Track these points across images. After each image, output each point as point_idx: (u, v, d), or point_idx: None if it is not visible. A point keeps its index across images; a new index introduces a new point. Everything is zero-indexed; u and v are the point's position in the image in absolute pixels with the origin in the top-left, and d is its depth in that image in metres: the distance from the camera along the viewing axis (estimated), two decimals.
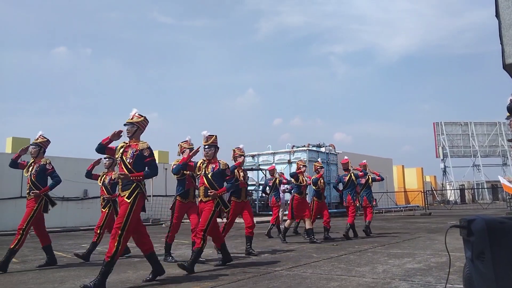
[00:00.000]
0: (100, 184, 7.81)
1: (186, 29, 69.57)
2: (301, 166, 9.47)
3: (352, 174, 10.32)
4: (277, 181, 11.37)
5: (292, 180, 9.43)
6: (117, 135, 5.24)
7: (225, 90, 72.54)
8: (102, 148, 5.24)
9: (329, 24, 72.82)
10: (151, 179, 19.27)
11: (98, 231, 7.46)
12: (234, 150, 7.86)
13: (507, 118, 6.09)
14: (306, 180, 9.43)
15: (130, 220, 4.88)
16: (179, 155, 7.08)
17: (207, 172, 6.13)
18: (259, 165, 23.62)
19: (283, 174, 15.49)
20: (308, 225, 9.08)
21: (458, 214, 14.72)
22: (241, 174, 7.69)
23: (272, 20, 71.73)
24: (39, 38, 59.66)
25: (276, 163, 21.33)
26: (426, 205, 24.79)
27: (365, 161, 10.79)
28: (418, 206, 25.74)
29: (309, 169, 20.33)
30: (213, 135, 6.37)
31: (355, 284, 4.70)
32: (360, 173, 10.47)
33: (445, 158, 43.22)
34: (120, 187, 5.15)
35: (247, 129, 66.15)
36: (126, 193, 5.02)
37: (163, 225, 17.39)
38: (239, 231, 12.73)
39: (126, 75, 66.31)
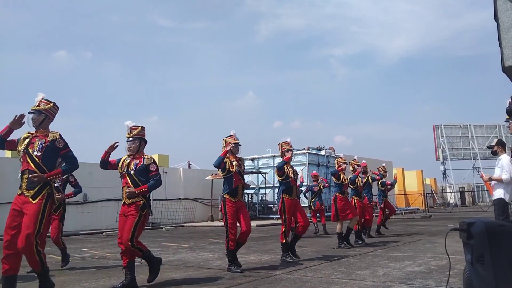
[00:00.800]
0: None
1: (186, 32, 69.80)
2: (342, 163, 9.09)
3: (369, 177, 10.58)
4: (321, 186, 12.32)
5: (333, 178, 9.00)
6: (18, 122, 4.45)
7: (226, 93, 72.71)
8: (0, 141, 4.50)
9: (329, 26, 73.08)
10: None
11: None
12: (281, 144, 7.41)
13: (507, 120, 6.11)
14: (347, 178, 9.07)
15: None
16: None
17: (129, 169, 5.28)
18: (259, 168, 23.63)
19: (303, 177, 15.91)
20: (339, 228, 8.70)
21: (458, 217, 14.71)
22: (291, 170, 7.18)
23: (272, 23, 71.99)
24: (39, 41, 59.82)
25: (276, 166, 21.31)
26: (426, 208, 24.80)
27: (364, 161, 10.81)
28: (418, 209, 25.73)
29: (309, 172, 20.41)
30: (139, 126, 5.50)
31: (356, 287, 4.70)
32: (377, 177, 10.90)
33: (445, 161, 43.23)
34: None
35: (247, 131, 66.22)
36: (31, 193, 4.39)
37: (163, 229, 17.39)
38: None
39: (127, 78, 66.48)
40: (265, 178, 22.55)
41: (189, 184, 22.46)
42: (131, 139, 5.39)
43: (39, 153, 4.46)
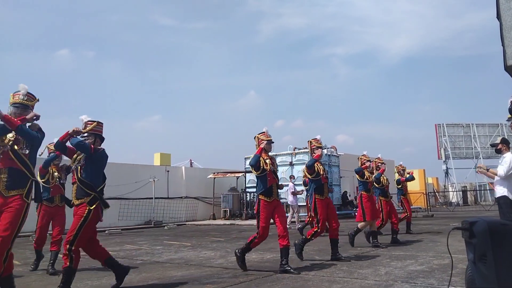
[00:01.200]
0: None
1: (188, 31, 69.66)
2: (365, 161, 8.88)
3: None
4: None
5: (357, 176, 8.83)
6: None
7: (227, 92, 72.55)
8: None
9: (331, 25, 72.79)
10: (153, 182, 19.36)
11: None
12: (310, 142, 7.15)
13: (508, 119, 6.10)
14: (371, 176, 8.85)
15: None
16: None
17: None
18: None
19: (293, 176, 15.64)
20: (364, 226, 8.60)
21: (461, 216, 14.69)
22: (321, 168, 6.97)
23: (274, 22, 71.76)
24: (41, 40, 59.81)
25: (278, 165, 21.30)
26: (429, 207, 24.74)
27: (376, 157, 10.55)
28: (420, 208, 25.69)
29: None
30: (94, 122, 5.19)
31: (358, 286, 4.70)
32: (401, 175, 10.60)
33: (447, 160, 43.10)
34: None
35: (249, 131, 66.09)
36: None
37: (165, 227, 17.42)
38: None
39: (128, 78, 66.38)
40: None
41: (191, 183, 22.49)
42: (85, 135, 5.05)
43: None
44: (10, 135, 4.24)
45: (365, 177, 8.61)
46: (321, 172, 6.91)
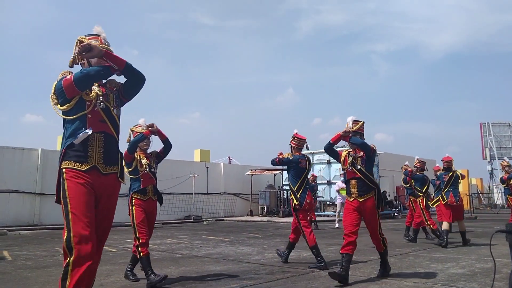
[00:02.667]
0: None
1: (228, 29, 70.30)
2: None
3: (456, 172, 9.59)
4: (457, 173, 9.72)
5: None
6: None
7: (266, 89, 72.71)
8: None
9: (371, 21, 71.48)
10: (193, 177, 19.71)
11: None
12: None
13: None
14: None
15: None
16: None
17: (151, 168, 5.32)
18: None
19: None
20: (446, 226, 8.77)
21: (505, 219, 14.14)
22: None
23: (313, 19, 71.26)
24: None
25: (315, 163, 21.22)
26: (472, 209, 23.98)
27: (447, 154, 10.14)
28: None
29: None
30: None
31: (396, 287, 4.65)
32: (462, 174, 10.23)
33: (492, 160, 41.60)
34: None
35: (286, 128, 66.05)
36: None
37: (204, 222, 17.71)
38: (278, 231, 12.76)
39: (171, 75, 67.76)
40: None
41: (229, 179, 22.74)
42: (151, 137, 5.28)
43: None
44: (96, 89, 3.06)
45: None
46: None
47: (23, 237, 11.57)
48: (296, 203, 6.29)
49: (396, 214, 21.40)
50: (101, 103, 3.00)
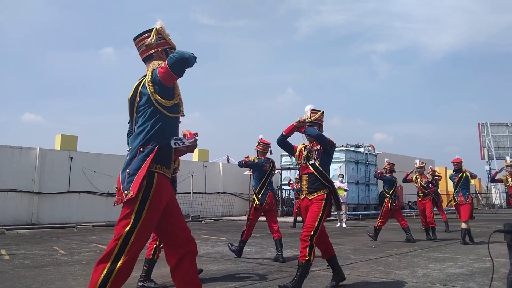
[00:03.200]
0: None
1: (227, 29, 70.29)
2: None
3: (466, 172, 9.81)
4: (467, 174, 9.89)
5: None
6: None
7: (265, 90, 72.71)
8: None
9: (371, 22, 71.57)
10: (191, 177, 19.72)
11: None
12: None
13: None
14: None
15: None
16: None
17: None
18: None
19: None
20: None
21: (504, 219, 14.17)
22: None
23: (313, 19, 71.28)
24: (87, 39, 61.79)
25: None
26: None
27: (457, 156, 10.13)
28: None
29: (347, 169, 20.18)
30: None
31: (394, 287, 4.65)
32: (473, 174, 10.33)
33: (490, 160, 41.64)
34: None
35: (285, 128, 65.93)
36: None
37: (203, 222, 17.70)
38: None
39: None
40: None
41: (228, 179, 22.72)
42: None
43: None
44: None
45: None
46: None
47: (21, 236, 11.55)
48: (257, 203, 7.02)
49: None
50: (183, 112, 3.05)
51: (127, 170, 2.74)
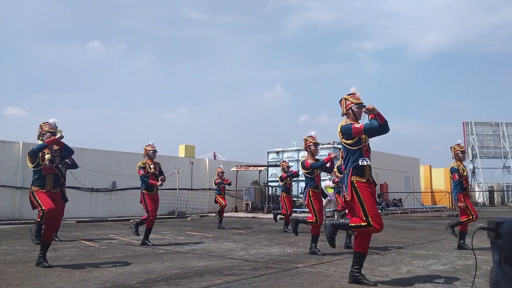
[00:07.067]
0: None
1: (216, 25, 69.79)
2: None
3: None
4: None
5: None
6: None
7: (253, 86, 72.48)
8: None
9: (359, 20, 71.64)
10: (177, 173, 19.62)
11: None
12: (306, 139, 8.02)
13: None
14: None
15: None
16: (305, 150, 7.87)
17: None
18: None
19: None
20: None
21: (486, 217, 14.36)
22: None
23: (301, 16, 71.14)
24: (74, 32, 60.93)
25: (301, 160, 21.28)
26: (453, 206, 24.30)
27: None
28: (445, 207, 25.28)
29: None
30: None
31: (378, 284, 4.68)
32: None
33: (474, 159, 42.18)
34: None
35: (273, 125, 66.06)
36: None
37: (188, 218, 17.63)
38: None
39: (158, 70, 67.20)
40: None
41: (214, 175, 22.61)
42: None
43: None
44: None
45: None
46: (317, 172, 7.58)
47: (2, 231, 11.37)
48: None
49: (379, 211, 21.60)
50: None
51: None
